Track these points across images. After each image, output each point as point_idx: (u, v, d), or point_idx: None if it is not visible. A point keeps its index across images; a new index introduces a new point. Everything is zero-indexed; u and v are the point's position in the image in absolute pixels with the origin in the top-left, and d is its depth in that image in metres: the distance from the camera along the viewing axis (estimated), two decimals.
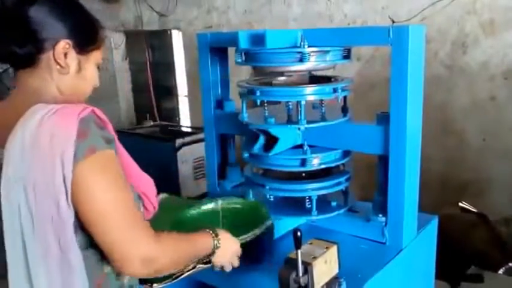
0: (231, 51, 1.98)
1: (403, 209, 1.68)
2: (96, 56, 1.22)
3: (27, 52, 1.11)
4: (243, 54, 1.78)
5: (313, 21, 4.07)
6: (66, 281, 1.07)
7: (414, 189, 1.76)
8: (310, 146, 1.81)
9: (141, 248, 1.08)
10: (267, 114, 1.80)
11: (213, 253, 1.37)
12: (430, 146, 3.21)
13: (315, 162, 1.79)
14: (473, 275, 2.49)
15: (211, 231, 1.38)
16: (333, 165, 1.82)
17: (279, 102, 1.97)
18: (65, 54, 1.14)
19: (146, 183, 1.29)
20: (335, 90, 1.72)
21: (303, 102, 1.70)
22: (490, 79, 3.28)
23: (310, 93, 1.70)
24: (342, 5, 3.93)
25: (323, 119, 1.80)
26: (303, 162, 1.79)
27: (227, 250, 1.41)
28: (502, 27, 3.18)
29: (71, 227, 1.05)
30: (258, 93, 1.73)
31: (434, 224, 1.93)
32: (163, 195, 1.90)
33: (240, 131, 1.98)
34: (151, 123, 5.36)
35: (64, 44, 1.13)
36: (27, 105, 1.07)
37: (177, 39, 5.73)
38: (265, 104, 1.81)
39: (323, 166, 1.80)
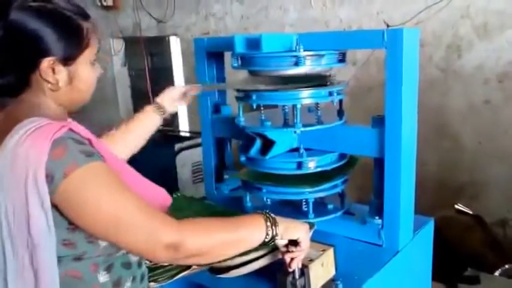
0: (227, 55, 2.00)
1: (399, 212, 1.68)
2: (86, 56, 1.15)
3: (10, 81, 1.08)
4: (239, 58, 1.79)
5: (309, 26, 4.09)
6: None
7: (410, 191, 1.76)
8: (306, 149, 1.82)
9: (161, 238, 1.05)
10: (263, 117, 1.81)
11: (272, 238, 1.26)
12: (426, 149, 3.24)
13: (311, 165, 1.80)
14: (470, 277, 2.50)
15: (263, 212, 1.28)
16: (329, 168, 1.83)
17: (276, 106, 1.98)
18: (53, 70, 1.09)
19: (153, 194, 1.26)
20: (330, 94, 1.73)
21: (299, 106, 1.71)
22: (485, 82, 3.30)
23: (306, 97, 1.71)
24: (337, 11, 3.96)
25: (319, 122, 1.80)
26: (299, 165, 1.80)
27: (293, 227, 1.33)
28: (496, 31, 3.20)
29: (45, 250, 1.02)
30: (254, 97, 1.74)
31: (430, 226, 1.93)
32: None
33: (236, 134, 1.99)
34: None
35: (48, 62, 1.08)
36: (22, 120, 1.05)
37: (175, 45, 5.74)
38: (262, 108, 1.82)
39: (319, 169, 1.81)
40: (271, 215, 1.29)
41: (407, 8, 3.52)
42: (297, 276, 1.39)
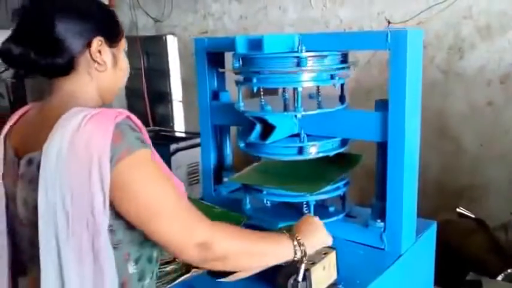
0: (227, 55, 1.98)
1: (401, 215, 1.66)
2: (123, 44, 1.27)
3: (66, 60, 1.14)
4: (240, 59, 1.77)
5: (309, 26, 4.08)
6: (97, 285, 1.07)
7: (413, 194, 1.75)
8: (307, 135, 1.78)
9: (194, 234, 1.09)
10: (263, 102, 1.78)
11: (301, 258, 1.30)
12: (427, 152, 3.21)
13: (313, 150, 1.77)
14: (472, 281, 2.48)
15: (285, 232, 1.32)
16: (330, 154, 1.80)
17: (276, 93, 1.96)
18: (99, 51, 1.17)
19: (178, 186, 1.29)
20: (332, 77, 1.71)
21: (300, 89, 1.68)
22: (487, 84, 3.28)
23: (307, 79, 1.68)
24: (337, 11, 3.94)
25: (320, 107, 1.77)
26: (300, 150, 1.77)
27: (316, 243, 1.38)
28: (498, 32, 3.19)
29: (105, 232, 1.06)
30: (254, 80, 1.72)
31: (433, 229, 1.92)
32: None
33: (236, 121, 1.96)
34: (146, 128, 5.34)
35: (97, 42, 1.16)
36: (64, 109, 1.09)
37: (172, 45, 5.72)
38: (262, 92, 1.79)
39: (321, 155, 1.78)
40: (296, 235, 1.31)
41: (409, 9, 3.51)
42: (299, 279, 1.36)
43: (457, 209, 3.00)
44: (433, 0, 3.40)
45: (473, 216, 2.95)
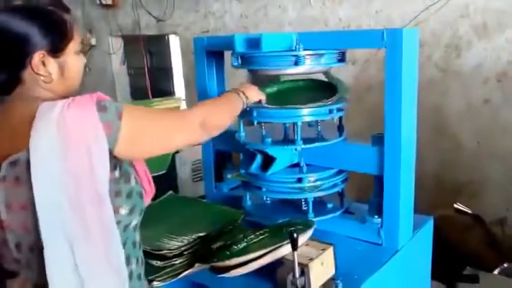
0: (227, 54, 2.00)
1: (398, 211, 1.69)
2: (72, 47, 1.18)
3: (5, 80, 1.11)
4: (239, 57, 1.80)
5: (308, 25, 4.09)
6: (109, 249, 1.11)
7: (410, 190, 1.77)
8: (306, 164, 1.86)
9: (195, 120, 1.32)
10: (264, 133, 1.83)
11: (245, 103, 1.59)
12: (425, 149, 3.23)
13: (312, 179, 1.84)
14: (469, 276, 2.50)
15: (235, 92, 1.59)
16: (329, 183, 1.86)
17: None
18: (43, 63, 1.12)
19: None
20: (331, 111, 1.75)
21: (299, 124, 1.73)
22: (484, 82, 3.29)
23: (306, 114, 1.73)
24: (336, 9, 3.95)
25: (319, 139, 1.83)
26: (300, 180, 1.83)
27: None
28: (495, 30, 3.19)
29: (109, 205, 1.09)
30: (254, 114, 1.76)
31: (429, 225, 1.94)
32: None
33: (237, 148, 2.00)
34: None
35: (38, 56, 1.11)
36: (29, 110, 1.08)
37: (174, 44, 5.74)
38: (262, 124, 1.83)
39: (319, 183, 1.84)
40: (237, 90, 1.59)
41: (407, 7, 3.51)
42: (297, 275, 1.39)
43: (454, 205, 3.01)
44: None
45: (470, 211, 2.97)
